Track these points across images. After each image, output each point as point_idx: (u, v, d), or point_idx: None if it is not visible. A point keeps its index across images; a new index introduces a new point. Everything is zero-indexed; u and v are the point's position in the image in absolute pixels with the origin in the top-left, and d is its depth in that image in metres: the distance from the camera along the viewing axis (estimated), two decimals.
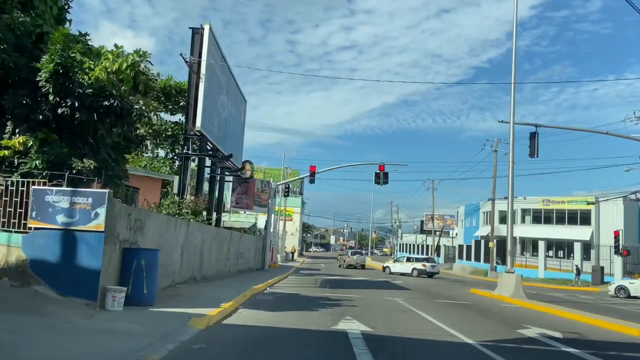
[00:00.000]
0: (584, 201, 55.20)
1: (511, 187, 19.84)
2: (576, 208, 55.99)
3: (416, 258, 41.68)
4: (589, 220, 54.04)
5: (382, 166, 32.63)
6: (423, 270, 36.43)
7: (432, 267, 37.40)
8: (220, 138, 20.20)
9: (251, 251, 28.96)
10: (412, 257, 43.22)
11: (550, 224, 57.20)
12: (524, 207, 59.86)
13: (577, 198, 57.29)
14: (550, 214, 58.09)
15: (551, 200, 58.24)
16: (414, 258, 41.52)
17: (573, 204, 56.23)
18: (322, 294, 16.46)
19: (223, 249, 19.98)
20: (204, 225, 16.61)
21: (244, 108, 26.45)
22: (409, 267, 37.34)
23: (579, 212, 55.22)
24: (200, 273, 16.31)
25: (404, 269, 37.43)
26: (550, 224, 57.20)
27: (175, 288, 13.02)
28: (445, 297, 18.74)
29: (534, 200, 58.83)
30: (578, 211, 55.39)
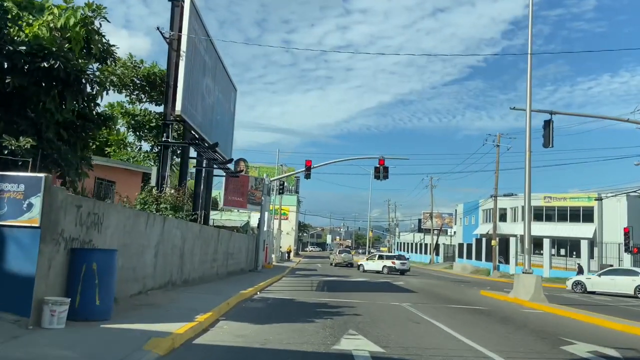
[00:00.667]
0: (587, 198, 53.51)
1: (528, 178, 17.95)
2: (578, 205, 54.25)
3: (387, 256, 42.12)
4: (592, 218, 52.40)
5: (382, 160, 30.78)
6: (393, 268, 36.93)
7: (401, 264, 37.68)
8: (206, 126, 18.22)
9: (243, 251, 26.99)
10: (384, 254, 43.81)
11: (552, 222, 55.44)
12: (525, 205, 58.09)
13: (579, 195, 55.52)
14: (552, 211, 56.33)
15: (553, 197, 56.43)
16: (385, 256, 41.96)
17: (575, 201, 54.47)
18: (319, 299, 14.54)
19: (209, 249, 18.01)
20: (186, 222, 14.64)
21: (234, 97, 24.46)
22: (380, 265, 37.87)
23: (581, 209, 53.54)
24: (181, 276, 14.34)
25: (375, 267, 37.97)
26: (552, 222, 55.44)
27: (146, 295, 11.06)
28: (455, 301, 16.85)
29: (534, 197, 57.12)
30: (580, 208, 53.70)
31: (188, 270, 15.09)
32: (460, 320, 11.33)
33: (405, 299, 16.34)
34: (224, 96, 21.96)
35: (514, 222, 58.60)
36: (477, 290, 24.88)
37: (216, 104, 20.25)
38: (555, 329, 10.71)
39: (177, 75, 14.95)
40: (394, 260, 38.16)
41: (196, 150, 16.97)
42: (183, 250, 14.39)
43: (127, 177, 18.35)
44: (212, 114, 19.32)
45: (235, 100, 24.70)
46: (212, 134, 19.17)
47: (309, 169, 30.24)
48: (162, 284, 12.65)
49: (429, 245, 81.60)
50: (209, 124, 18.87)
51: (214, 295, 12.32)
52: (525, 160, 18.07)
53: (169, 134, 15.70)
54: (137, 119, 25.30)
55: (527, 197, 18.06)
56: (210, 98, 18.97)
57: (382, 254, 44.42)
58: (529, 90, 18.33)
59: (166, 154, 15.75)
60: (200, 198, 24.13)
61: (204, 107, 18.01)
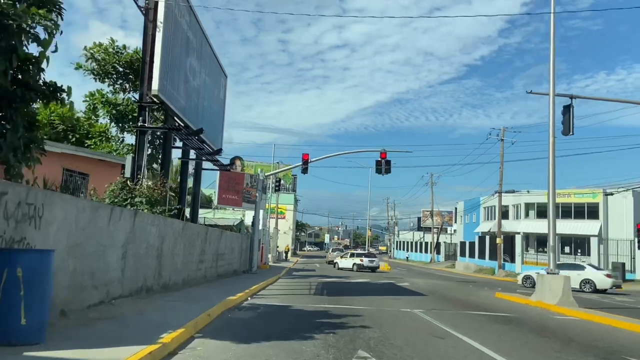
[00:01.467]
0: (592, 194, 51.76)
1: (552, 168, 16.06)
2: (583, 201, 52.49)
3: (357, 254, 43.46)
4: (597, 214, 50.67)
5: (383, 153, 28.86)
6: (361, 265, 38.52)
7: (369, 262, 39.17)
8: (191, 112, 16.26)
9: (235, 251, 25.04)
10: (355, 253, 45.31)
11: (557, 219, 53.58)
12: (528, 201, 56.38)
13: (584, 190, 53.66)
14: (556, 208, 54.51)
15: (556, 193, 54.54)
16: (356, 254, 43.46)
17: (580, 197, 52.65)
18: (319, 306, 12.61)
19: (195, 249, 16.06)
20: (164, 219, 12.68)
21: (224, 83, 22.48)
22: (350, 262, 39.55)
23: (586, 206, 51.76)
24: (159, 281, 12.38)
25: (347, 264, 39.48)
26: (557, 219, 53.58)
27: (109, 305, 9.10)
28: (472, 305, 14.93)
29: (538, 194, 55.34)
30: (585, 204, 51.94)
31: (168, 273, 13.13)
32: (490, 333, 9.41)
33: (416, 304, 14.43)
34: (213, 81, 19.99)
35: (517, 219, 56.76)
36: (488, 291, 23.01)
37: (203, 89, 18.29)
38: (609, 344, 8.80)
39: (154, 49, 12.97)
40: (362, 258, 39.63)
41: (178, 136, 14.98)
42: (161, 251, 12.43)
43: (103, 170, 16.36)
44: (198, 99, 17.35)
45: (225, 87, 22.72)
46: (199, 121, 17.21)
47: (306, 162, 28.29)
48: (134, 290, 10.70)
49: (429, 243, 79.73)
50: (195, 110, 16.90)
51: (194, 304, 10.38)
52: (549, 147, 16.18)
53: (145, 117, 13.70)
54: (118, 109, 23.34)
55: (551, 188, 16.17)
56: (195, 81, 17.00)
57: (354, 252, 45.77)
58: (552, 69, 16.44)
59: (142, 141, 13.77)
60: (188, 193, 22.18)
61: (188, 90, 16.04)
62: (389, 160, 28.60)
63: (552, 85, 16.51)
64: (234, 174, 34.83)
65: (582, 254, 49.01)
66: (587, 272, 27.07)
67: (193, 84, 16.66)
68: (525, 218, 56.37)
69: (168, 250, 13.01)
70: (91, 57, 22.80)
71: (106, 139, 24.33)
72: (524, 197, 56.09)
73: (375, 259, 41.20)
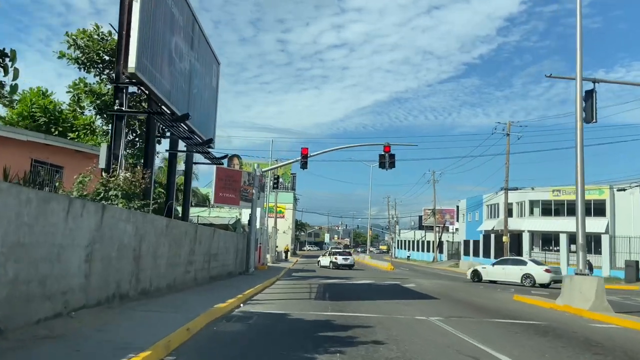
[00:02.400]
0: (598, 190, 50.20)
1: (580, 157, 14.42)
2: (589, 198, 50.84)
3: (333, 252, 46.70)
4: (603, 211, 49.11)
5: (387, 147, 27.27)
6: (335, 263, 41.61)
7: (344, 259, 42.17)
8: (178, 98, 14.62)
9: (231, 252, 23.40)
10: (333, 251, 48.51)
11: (562, 216, 52.09)
12: (532, 199, 54.84)
13: (590, 187, 52.08)
14: (561, 206, 52.96)
15: (562, 191, 52.95)
16: (333, 252, 46.74)
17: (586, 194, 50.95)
18: (321, 313, 10.98)
19: (182, 250, 14.41)
20: (144, 215, 11.04)
21: (217, 70, 20.81)
22: (328, 260, 42.83)
23: (592, 203, 50.21)
24: (136, 286, 10.74)
25: (326, 262, 42.71)
26: (562, 216, 52.09)
27: (67, 319, 7.47)
28: (494, 311, 13.29)
29: (543, 191, 53.78)
30: (592, 201, 50.37)
31: (148, 277, 11.48)
32: (532, 350, 7.76)
33: (430, 309, 12.80)
34: (204, 67, 18.34)
35: (521, 217, 55.19)
36: (502, 292, 21.39)
37: (192, 75, 16.64)
38: None
39: (130, 20, 11.31)
40: (336, 257, 42.67)
41: (161, 123, 13.31)
42: (139, 252, 10.78)
43: (80, 162, 14.68)
44: (186, 85, 15.69)
45: (218, 75, 21.05)
46: (187, 109, 15.58)
47: (305, 157, 26.66)
48: (103, 298, 9.06)
49: (431, 242, 78.08)
50: (182, 96, 15.25)
51: (174, 314, 8.74)
52: (577, 136, 14.54)
53: (122, 100, 12.05)
54: (103, 99, 21.67)
55: (579, 181, 14.52)
56: (182, 64, 15.35)
57: (333, 251, 49.25)
58: (580, 47, 14.81)
59: (119, 127, 12.11)
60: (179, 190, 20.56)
61: (174, 74, 14.39)
62: (393, 154, 27.04)
63: (580, 64, 14.90)
64: (232, 172, 33.27)
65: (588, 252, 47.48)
66: (528, 267, 27.92)
67: (180, 68, 15.01)
68: (530, 216, 54.83)
69: (148, 250, 11.37)
70: (74, 44, 21.15)
71: (91, 132, 22.71)
72: (528, 194, 54.50)
73: (350, 257, 43.85)
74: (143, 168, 13.25)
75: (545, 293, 21.28)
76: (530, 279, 27.17)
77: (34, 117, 22.33)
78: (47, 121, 22.59)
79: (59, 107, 23.77)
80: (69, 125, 22.85)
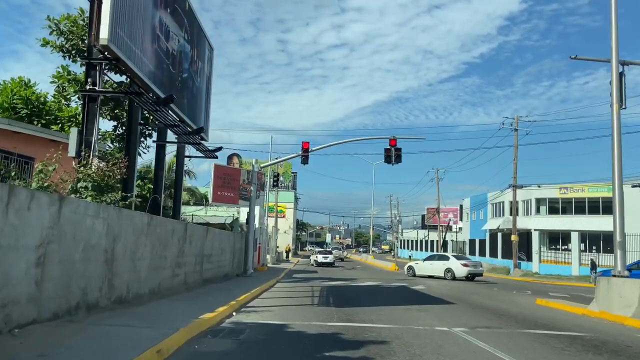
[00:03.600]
0: (607, 188, 48.47)
1: (617, 143, 12.82)
2: (597, 196, 49.22)
3: (318, 251, 51.88)
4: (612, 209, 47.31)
5: (393, 140, 25.72)
6: (317, 261, 46.09)
7: (323, 258, 46.56)
8: (164, 80, 13.02)
9: (227, 252, 21.82)
10: (317, 250, 55.16)
11: (569, 214, 50.42)
12: (539, 197, 53.13)
13: (598, 185, 50.37)
14: (569, 204, 51.27)
15: (569, 188, 51.27)
16: (317, 251, 52.20)
17: (594, 192, 49.31)
18: (326, 324, 9.39)
19: (169, 251, 12.82)
20: (118, 210, 9.45)
21: (210, 56, 19.22)
22: (313, 259, 48.11)
23: (600, 200, 48.50)
24: (109, 294, 9.15)
25: (312, 260, 47.90)
26: (569, 214, 50.42)
27: (8, 337, 5.89)
28: (521, 319, 11.69)
29: (549, 188, 52.09)
30: (600, 199, 48.67)
31: (125, 282, 9.90)
32: None
33: (450, 317, 11.20)
34: (195, 51, 16.76)
35: (527, 215, 53.45)
36: (521, 295, 19.80)
37: (182, 57, 15.07)
38: None
39: None
40: (317, 255, 47.75)
41: (142, 105, 11.66)
42: (112, 253, 9.20)
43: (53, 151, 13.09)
44: (173, 67, 14.10)
45: (212, 61, 19.47)
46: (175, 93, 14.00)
47: (306, 151, 25.10)
48: (62, 310, 7.48)
49: (434, 242, 76.40)
50: (168, 78, 13.66)
51: (147, 329, 7.15)
52: (613, 120, 12.94)
53: (96, 79, 10.47)
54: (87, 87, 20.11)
55: (616, 170, 12.92)
56: (170, 43, 13.77)
57: (316, 250, 56.78)
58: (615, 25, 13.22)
59: (93, 111, 10.53)
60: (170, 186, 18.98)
61: (158, 54, 12.81)
62: (399, 148, 25.48)
63: (615, 43, 13.31)
64: (230, 170, 31.81)
65: (597, 250, 45.90)
66: (450, 262, 30.16)
67: (166, 47, 13.43)
68: (536, 214, 53.15)
69: (125, 252, 9.78)
70: (56, 30, 19.59)
71: (76, 125, 21.14)
72: (534, 192, 52.83)
73: (330, 255, 48.58)
74: (125, 157, 11.69)
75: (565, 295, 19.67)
76: (451, 273, 29.29)
77: (15, 108, 20.77)
78: (29, 113, 21.08)
79: (43, 99, 22.27)
80: (53, 118, 21.30)
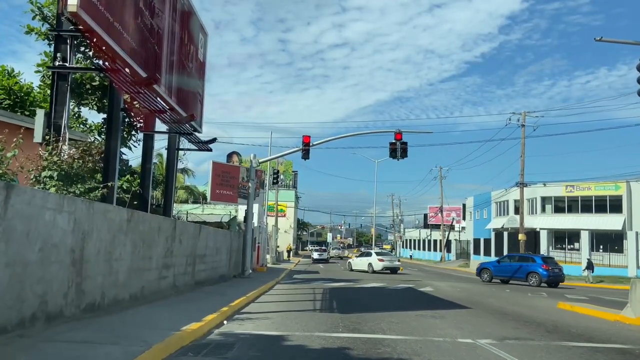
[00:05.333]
0: (614, 186, 47.18)
1: None
2: (605, 194, 47.91)
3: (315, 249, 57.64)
4: (620, 208, 46.10)
5: (399, 134, 24.44)
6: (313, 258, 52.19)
7: (319, 255, 52.73)
8: (147, 59, 11.68)
9: (223, 252, 20.49)
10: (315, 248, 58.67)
11: (575, 213, 49.07)
12: (544, 195, 51.78)
13: (605, 183, 48.99)
14: (575, 202, 49.92)
15: (575, 186, 49.89)
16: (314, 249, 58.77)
17: (601, 190, 47.96)
18: (330, 335, 8.06)
19: (153, 250, 11.48)
20: (89, 204, 8.12)
21: (204, 41, 17.88)
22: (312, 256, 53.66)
23: (608, 199, 47.21)
24: (78, 301, 7.82)
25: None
26: (575, 213, 49.07)
27: None
28: (551, 327, 10.36)
29: (555, 186, 50.74)
30: (607, 197, 47.38)
31: (99, 287, 8.56)
32: None
33: (472, 326, 9.87)
34: (185, 33, 15.43)
35: (532, 214, 52.10)
36: (538, 298, 18.49)
37: (171, 38, 13.74)
38: None
39: None
40: (313, 253, 52.65)
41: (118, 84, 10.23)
42: (82, 253, 7.87)
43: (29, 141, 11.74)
44: (159, 46, 12.76)
45: (205, 47, 18.12)
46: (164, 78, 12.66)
47: (307, 145, 23.79)
48: (13, 322, 6.14)
49: (438, 241, 75.07)
50: (154, 59, 12.32)
51: (112, 346, 5.81)
52: None
53: (67, 54, 9.14)
54: (74, 77, 18.77)
55: None
56: (156, 21, 12.43)
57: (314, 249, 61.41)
58: None
59: (63, 90, 9.21)
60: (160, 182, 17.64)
61: (141, 29, 11.46)
62: (405, 142, 24.20)
63: None
64: (229, 167, 30.52)
65: (604, 250, 44.63)
66: (371, 258, 34.94)
67: (150, 24, 12.08)
68: (542, 213, 51.80)
69: (98, 252, 8.45)
70: (39, 14, 18.27)
71: None
72: (539, 190, 51.51)
73: (324, 252, 53.62)
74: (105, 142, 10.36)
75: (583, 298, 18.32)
76: (370, 267, 33.95)
77: None
78: (12, 104, 19.83)
79: (28, 89, 21.00)
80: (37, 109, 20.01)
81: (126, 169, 20.29)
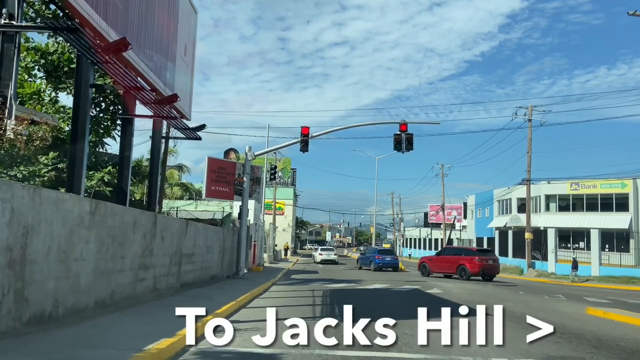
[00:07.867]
0: (620, 183, 45.66)
1: None
2: (610, 192, 46.36)
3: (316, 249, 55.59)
4: (626, 206, 44.60)
5: (404, 125, 22.95)
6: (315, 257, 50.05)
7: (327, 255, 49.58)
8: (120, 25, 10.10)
9: (214, 251, 18.91)
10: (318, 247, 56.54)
11: (580, 211, 47.54)
12: (548, 193, 50.23)
13: (611, 180, 47.44)
14: (579, 200, 48.39)
15: (580, 184, 48.33)
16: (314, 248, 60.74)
17: (607, 188, 46.42)
18: (332, 355, 6.50)
19: (127, 249, 9.88)
20: (34, 190, 6.53)
21: (194, 20, 16.32)
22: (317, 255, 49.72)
23: (614, 197, 45.68)
24: (18, 312, 6.23)
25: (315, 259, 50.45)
26: (580, 211, 47.54)
27: None
28: (591, 338, 8.81)
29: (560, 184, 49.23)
30: (613, 195, 45.85)
31: (50, 293, 6.97)
32: None
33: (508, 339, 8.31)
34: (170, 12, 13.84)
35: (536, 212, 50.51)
36: (558, 301, 16.94)
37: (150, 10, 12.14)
38: None
39: None
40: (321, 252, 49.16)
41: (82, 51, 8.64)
42: (24, 252, 6.28)
43: None
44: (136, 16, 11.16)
45: (195, 27, 16.55)
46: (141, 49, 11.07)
47: (305, 137, 22.24)
48: None
49: (439, 240, 73.55)
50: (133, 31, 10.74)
51: None
52: None
53: (14, 10, 7.53)
54: (50, 58, 17.18)
55: None
56: None
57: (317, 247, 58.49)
58: None
59: (9, 53, 7.62)
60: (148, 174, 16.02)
61: None
62: (411, 133, 22.69)
63: None
64: (225, 163, 29.00)
65: (610, 249, 43.18)
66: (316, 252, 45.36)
67: None
68: (546, 211, 50.26)
69: (48, 250, 6.86)
70: None
71: (39, 102, 18.20)
72: (543, 188, 49.98)
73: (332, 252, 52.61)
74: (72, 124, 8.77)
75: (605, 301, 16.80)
76: (313, 259, 43.14)
77: None
78: None
79: None
80: None
81: (109, 159, 18.71)
